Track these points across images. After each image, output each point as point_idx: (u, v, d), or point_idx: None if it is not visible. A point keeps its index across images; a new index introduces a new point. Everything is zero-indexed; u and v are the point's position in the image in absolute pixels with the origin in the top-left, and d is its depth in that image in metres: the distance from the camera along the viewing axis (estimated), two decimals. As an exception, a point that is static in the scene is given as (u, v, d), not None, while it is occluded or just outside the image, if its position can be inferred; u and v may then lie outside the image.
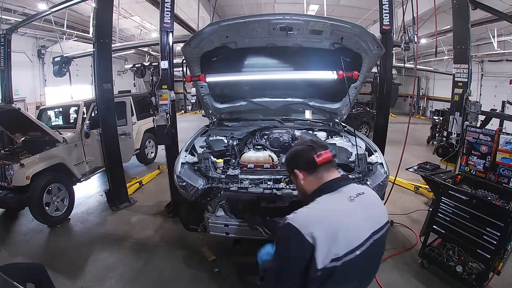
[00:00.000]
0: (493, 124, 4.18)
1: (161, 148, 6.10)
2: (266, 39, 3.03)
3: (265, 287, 1.12)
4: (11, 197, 3.88)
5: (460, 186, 3.00)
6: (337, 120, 4.13)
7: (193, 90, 12.78)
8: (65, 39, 8.96)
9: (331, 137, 3.63)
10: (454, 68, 4.34)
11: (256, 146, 3.15)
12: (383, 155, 3.07)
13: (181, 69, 3.73)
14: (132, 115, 6.30)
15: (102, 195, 5.15)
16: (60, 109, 5.91)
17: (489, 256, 2.55)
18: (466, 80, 4.24)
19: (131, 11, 9.66)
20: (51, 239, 3.91)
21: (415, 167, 3.62)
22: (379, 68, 4.35)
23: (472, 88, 4.53)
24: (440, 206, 2.96)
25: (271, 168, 2.81)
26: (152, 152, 7.34)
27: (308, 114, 4.65)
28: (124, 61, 15.34)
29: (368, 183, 2.61)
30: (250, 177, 2.62)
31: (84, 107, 5.31)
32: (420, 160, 4.30)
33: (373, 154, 3.03)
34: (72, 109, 5.68)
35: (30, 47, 9.73)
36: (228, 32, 2.91)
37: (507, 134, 2.82)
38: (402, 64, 8.73)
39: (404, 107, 17.39)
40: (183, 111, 17.66)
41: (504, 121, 4.26)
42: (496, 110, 5.24)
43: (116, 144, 4.68)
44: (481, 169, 3.00)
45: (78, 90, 10.30)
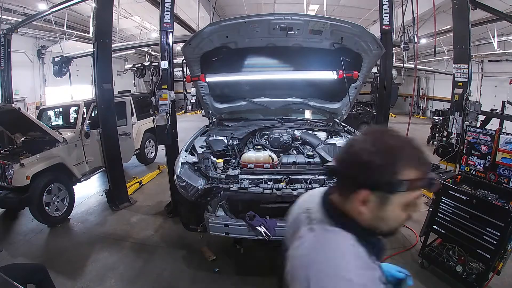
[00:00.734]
0: (493, 124, 4.18)
1: (161, 148, 6.10)
2: (266, 39, 3.03)
3: None
4: (11, 197, 3.87)
5: (460, 186, 3.00)
6: (337, 120, 4.14)
7: (193, 90, 12.80)
8: (65, 39, 8.95)
9: (331, 137, 3.63)
10: (454, 68, 4.34)
11: (256, 146, 3.15)
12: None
13: (181, 69, 3.73)
14: (132, 115, 6.30)
15: (102, 195, 5.15)
16: (60, 109, 5.90)
17: (489, 256, 2.55)
18: (466, 80, 4.24)
19: (131, 11, 9.67)
20: (51, 239, 3.91)
21: (415, 167, 3.62)
22: (379, 68, 4.36)
23: (472, 88, 4.53)
24: (440, 206, 2.96)
25: (271, 168, 2.81)
26: (152, 152, 7.34)
27: (308, 114, 4.65)
28: (124, 61, 15.33)
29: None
30: (250, 177, 2.62)
31: (84, 107, 5.30)
32: (420, 160, 4.29)
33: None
34: (72, 109, 5.67)
35: (30, 47, 9.72)
36: (228, 32, 2.91)
37: (507, 134, 2.82)
38: (402, 64, 8.77)
39: (404, 107, 17.39)
40: (183, 111, 17.65)
41: (504, 121, 4.26)
42: (496, 110, 5.24)
43: (116, 144, 4.68)
44: (481, 169, 3.00)
45: (78, 90, 10.29)
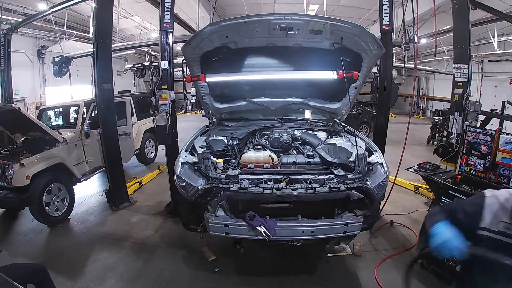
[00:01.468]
0: (493, 124, 4.18)
1: (161, 148, 6.10)
2: (266, 39, 3.03)
3: None
4: (11, 197, 3.88)
5: (460, 186, 3.00)
6: (337, 120, 4.13)
7: (193, 90, 12.80)
8: (65, 39, 8.96)
9: (331, 137, 3.64)
10: (454, 68, 4.34)
11: (256, 146, 3.15)
12: (383, 155, 3.07)
13: (181, 69, 3.73)
14: (132, 115, 6.30)
15: (102, 195, 5.15)
16: (60, 109, 5.90)
17: (489, 256, 2.55)
18: (466, 80, 4.24)
19: (131, 11, 9.67)
20: (51, 239, 3.92)
21: (415, 167, 3.63)
22: (379, 68, 4.36)
23: (472, 88, 4.53)
24: (440, 206, 2.96)
25: (271, 168, 2.81)
26: (152, 152, 7.34)
27: (308, 114, 4.65)
28: (124, 61, 15.34)
29: (368, 183, 2.61)
30: (250, 177, 2.62)
31: (84, 107, 5.31)
32: (420, 160, 4.30)
33: (373, 154, 3.03)
34: (72, 109, 5.68)
35: (30, 47, 9.73)
36: (228, 32, 2.91)
37: (507, 134, 2.82)
38: (402, 64, 8.76)
39: (404, 107, 17.40)
40: (183, 111, 17.66)
41: (504, 121, 4.26)
42: (496, 110, 5.24)
43: (116, 144, 4.68)
44: (481, 169, 3.00)
45: (78, 90, 10.30)
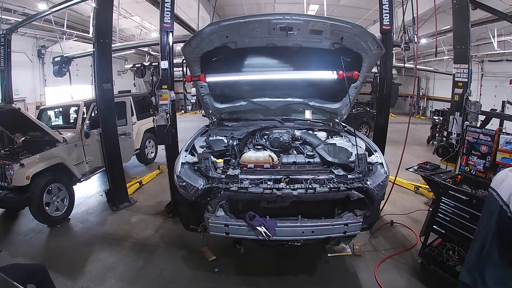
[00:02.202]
0: (493, 124, 4.18)
1: (161, 148, 6.10)
2: (266, 39, 3.03)
3: None
4: (11, 197, 3.88)
5: (460, 186, 3.00)
6: (337, 120, 4.13)
7: (193, 90, 12.81)
8: (65, 39, 8.96)
9: (331, 137, 3.64)
10: (454, 68, 4.34)
11: (256, 146, 3.15)
12: (383, 155, 3.08)
13: (181, 69, 3.73)
14: (132, 115, 6.30)
15: (102, 195, 5.15)
16: (60, 109, 5.90)
17: (489, 256, 2.55)
18: (466, 80, 4.24)
19: (131, 11, 9.67)
20: (51, 239, 3.92)
21: (415, 167, 3.62)
22: (379, 68, 4.36)
23: (472, 88, 4.53)
24: (440, 206, 2.96)
25: (271, 168, 2.81)
26: (152, 152, 7.34)
27: (308, 114, 4.65)
28: (124, 61, 15.34)
29: (368, 183, 2.61)
30: (250, 177, 2.62)
31: (84, 107, 5.31)
32: (420, 160, 4.30)
33: (373, 154, 3.03)
34: (72, 109, 5.68)
35: (30, 47, 9.73)
36: (228, 32, 2.91)
37: (507, 134, 2.82)
38: (402, 64, 8.77)
39: (404, 107, 17.41)
40: (183, 111, 17.67)
41: (504, 121, 4.25)
42: (496, 110, 5.24)
43: (116, 144, 4.68)
44: (481, 169, 3.00)
45: (78, 90, 10.31)
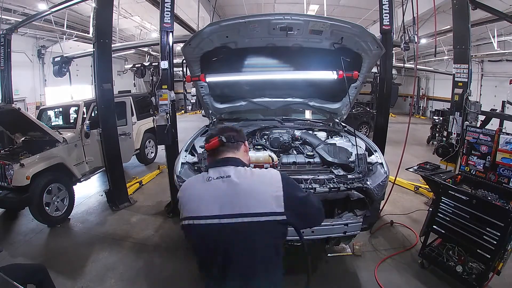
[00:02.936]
0: (493, 124, 4.18)
1: (161, 148, 6.10)
2: (266, 39, 3.03)
3: None
4: (11, 197, 3.88)
5: (460, 186, 3.00)
6: (337, 120, 4.13)
7: (193, 90, 12.80)
8: (65, 39, 8.96)
9: (331, 137, 3.63)
10: (454, 68, 4.34)
11: (256, 146, 3.15)
12: (383, 155, 3.07)
13: (181, 69, 3.73)
14: (132, 115, 6.30)
15: (102, 195, 5.15)
16: (60, 109, 5.90)
17: (489, 256, 2.55)
18: (466, 80, 4.24)
19: (131, 11, 9.67)
20: (51, 239, 3.92)
21: (415, 167, 3.62)
22: (379, 68, 4.35)
23: (472, 88, 4.53)
24: (440, 206, 2.96)
25: (271, 168, 2.81)
26: (152, 152, 7.34)
27: (308, 114, 4.65)
28: (124, 61, 15.34)
29: (368, 183, 2.61)
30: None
31: (84, 107, 5.31)
32: (420, 160, 4.30)
33: (373, 154, 3.03)
34: (72, 109, 5.68)
35: (30, 47, 9.73)
36: (228, 32, 2.90)
37: (507, 134, 2.82)
38: (402, 64, 8.77)
39: (404, 107, 17.41)
40: (183, 111, 17.67)
41: (504, 121, 4.26)
42: (496, 110, 5.24)
43: (116, 144, 4.68)
44: (481, 169, 3.00)
45: (78, 90, 10.31)
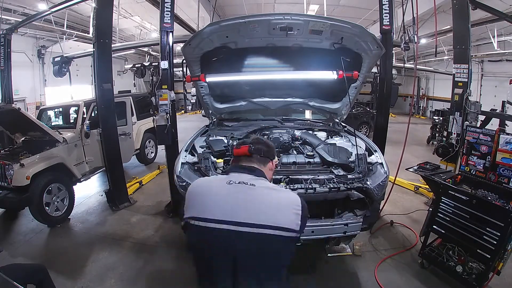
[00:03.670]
0: (493, 124, 4.18)
1: (161, 148, 6.10)
2: (266, 39, 3.03)
3: None
4: (11, 197, 3.87)
5: (460, 186, 3.00)
6: (337, 120, 4.14)
7: (193, 90, 12.80)
8: (65, 39, 8.96)
9: (331, 137, 3.64)
10: (454, 68, 4.34)
11: (256, 146, 3.14)
12: (383, 155, 3.08)
13: (181, 69, 3.73)
14: (132, 115, 6.30)
15: (102, 195, 5.15)
16: (60, 109, 5.90)
17: (489, 256, 2.55)
18: (466, 80, 4.24)
19: (131, 11, 9.67)
20: (51, 239, 3.91)
21: (415, 167, 3.62)
22: (379, 68, 4.36)
23: (472, 88, 4.53)
24: (440, 206, 2.96)
25: (271, 168, 2.81)
26: (152, 152, 7.34)
27: (308, 114, 4.65)
28: (124, 61, 15.34)
29: (368, 183, 2.61)
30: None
31: (84, 107, 5.31)
32: (420, 160, 4.30)
33: (373, 154, 3.03)
34: (72, 109, 5.67)
35: (30, 47, 9.73)
36: (228, 32, 2.91)
37: (507, 134, 2.82)
38: (402, 64, 8.76)
39: (404, 107, 17.40)
40: (183, 111, 17.67)
41: (506, 121, 4.26)
42: (496, 110, 5.24)
43: (116, 144, 4.68)
44: (481, 169, 3.00)
45: (78, 90, 10.30)
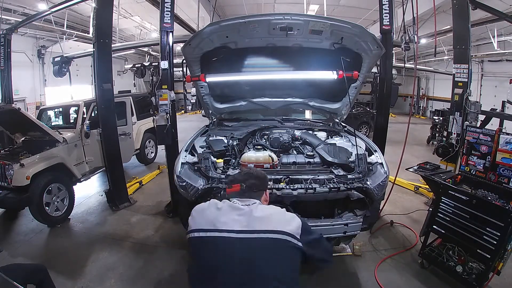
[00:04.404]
0: (493, 124, 4.18)
1: (161, 148, 6.10)
2: (266, 39, 3.03)
3: None
4: (11, 197, 3.87)
5: (460, 186, 3.00)
6: (337, 120, 4.14)
7: (193, 90, 12.80)
8: (65, 39, 8.96)
9: (331, 137, 3.64)
10: (454, 68, 4.34)
11: (256, 146, 3.14)
12: (383, 155, 3.07)
13: (181, 69, 3.73)
14: (132, 115, 6.30)
15: (102, 195, 5.15)
16: (60, 109, 5.90)
17: (489, 256, 2.55)
18: (466, 80, 4.24)
19: (131, 11, 9.67)
20: (51, 239, 3.91)
21: (415, 167, 3.62)
22: (379, 68, 4.36)
23: (472, 88, 4.53)
24: (440, 206, 2.96)
25: (271, 168, 2.81)
26: (152, 152, 7.34)
27: (308, 114, 4.65)
28: (124, 61, 15.34)
29: (368, 183, 2.61)
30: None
31: (84, 107, 5.31)
32: (420, 160, 4.30)
33: (373, 154, 3.03)
34: (72, 109, 5.68)
35: (30, 47, 9.74)
36: (228, 32, 2.91)
37: (507, 134, 2.82)
38: (402, 64, 8.77)
39: (404, 107, 17.41)
40: (183, 111, 17.67)
41: (504, 121, 4.26)
42: (496, 109, 5.24)
43: (116, 144, 4.68)
44: (481, 169, 3.00)
45: (78, 90, 10.30)
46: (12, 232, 4.06)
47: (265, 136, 3.61)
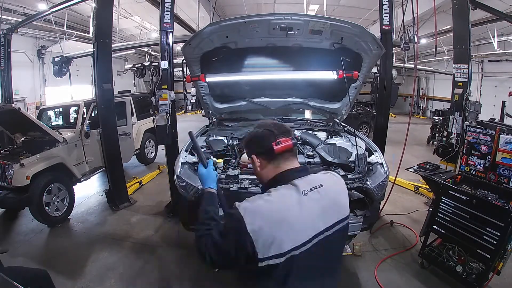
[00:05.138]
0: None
1: (161, 148, 6.10)
2: (266, 39, 3.03)
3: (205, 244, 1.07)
4: (11, 197, 3.88)
5: (460, 186, 3.00)
6: (337, 120, 4.13)
7: (193, 90, 12.80)
8: (65, 39, 8.95)
9: (331, 137, 3.63)
10: (454, 68, 4.34)
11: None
12: (383, 155, 3.07)
13: (181, 69, 3.73)
14: (132, 115, 6.30)
15: (102, 195, 5.15)
16: (60, 109, 5.91)
17: (489, 256, 2.56)
18: (466, 80, 4.24)
19: (131, 11, 9.66)
20: (51, 239, 3.92)
21: (415, 167, 3.62)
22: (379, 68, 4.36)
23: (472, 88, 4.53)
24: (440, 206, 2.96)
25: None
26: (152, 152, 7.34)
27: (308, 114, 4.65)
28: (124, 61, 15.33)
29: (368, 183, 2.61)
30: (250, 177, 2.62)
31: (84, 107, 5.31)
32: (420, 160, 4.30)
33: (373, 154, 3.03)
34: (72, 109, 5.68)
35: (30, 47, 9.73)
36: (228, 32, 2.91)
37: (507, 134, 2.82)
38: (402, 64, 8.76)
39: (404, 107, 17.39)
40: (183, 111, 17.67)
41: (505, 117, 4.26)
42: (495, 119, 5.23)
43: (116, 144, 4.68)
44: (481, 169, 3.00)
45: (78, 90, 10.30)
46: (12, 232, 4.06)
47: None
